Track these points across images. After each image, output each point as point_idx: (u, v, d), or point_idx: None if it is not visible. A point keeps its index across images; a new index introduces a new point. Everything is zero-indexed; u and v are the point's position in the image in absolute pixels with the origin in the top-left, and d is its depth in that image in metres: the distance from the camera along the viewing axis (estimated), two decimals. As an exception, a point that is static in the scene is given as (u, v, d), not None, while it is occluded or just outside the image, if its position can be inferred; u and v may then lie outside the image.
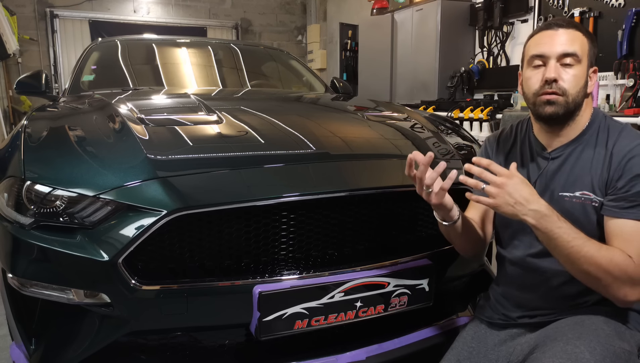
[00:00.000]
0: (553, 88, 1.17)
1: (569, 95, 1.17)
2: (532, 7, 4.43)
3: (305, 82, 3.37)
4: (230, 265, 1.33)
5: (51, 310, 1.36)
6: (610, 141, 1.18)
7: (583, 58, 1.18)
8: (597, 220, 1.17)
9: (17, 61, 6.79)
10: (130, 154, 1.38)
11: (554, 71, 1.17)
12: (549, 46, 1.18)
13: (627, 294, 1.08)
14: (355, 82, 6.39)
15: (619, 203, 1.12)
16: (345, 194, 1.37)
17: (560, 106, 1.17)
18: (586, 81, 1.20)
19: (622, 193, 1.12)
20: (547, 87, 1.18)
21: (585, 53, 1.18)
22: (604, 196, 1.15)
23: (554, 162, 1.24)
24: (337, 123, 1.93)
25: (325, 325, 1.34)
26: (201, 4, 8.08)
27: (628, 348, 1.09)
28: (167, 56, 3.13)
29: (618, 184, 1.13)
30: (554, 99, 1.17)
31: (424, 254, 1.49)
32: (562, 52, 1.17)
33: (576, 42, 1.18)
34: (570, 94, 1.17)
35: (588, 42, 1.20)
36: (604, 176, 1.16)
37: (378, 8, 5.95)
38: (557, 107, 1.18)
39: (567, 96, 1.17)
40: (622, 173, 1.13)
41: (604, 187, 1.16)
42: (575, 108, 1.19)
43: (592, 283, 1.10)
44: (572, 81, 1.17)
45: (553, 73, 1.16)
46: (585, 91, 1.20)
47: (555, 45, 1.18)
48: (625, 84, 3.48)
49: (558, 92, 1.17)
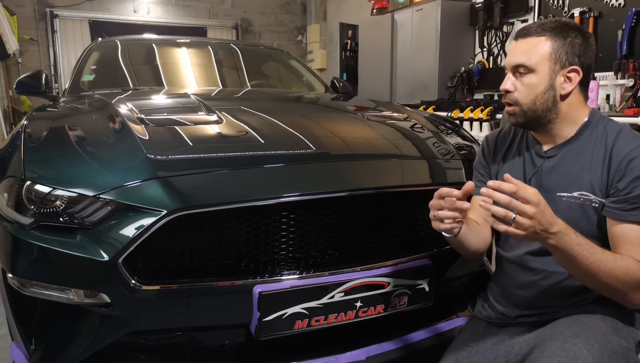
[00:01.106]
0: (507, 99, 1.23)
1: (522, 104, 1.20)
2: (532, 7, 4.43)
3: (305, 82, 3.37)
4: (230, 265, 1.33)
5: (51, 310, 1.36)
6: (609, 142, 1.17)
7: (539, 65, 1.17)
8: (598, 221, 1.17)
9: (17, 61, 6.78)
10: (130, 154, 1.38)
11: (508, 83, 1.21)
12: (508, 58, 1.24)
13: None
14: (355, 82, 6.39)
15: (620, 205, 1.12)
16: (345, 194, 1.37)
17: (517, 115, 1.22)
18: (549, 85, 1.18)
19: (624, 195, 1.12)
20: (504, 98, 1.24)
21: (544, 58, 1.17)
22: (605, 197, 1.16)
23: (549, 161, 1.24)
24: (337, 123, 1.93)
25: (325, 325, 1.34)
26: (201, 4, 8.08)
27: (626, 345, 1.10)
28: (167, 56, 3.13)
29: (619, 186, 1.13)
30: (510, 111, 1.23)
31: (424, 254, 1.49)
32: (514, 64, 1.21)
33: (529, 52, 1.18)
34: (523, 103, 1.20)
35: (553, 44, 1.17)
36: (604, 177, 1.16)
37: (378, 8, 5.95)
38: (515, 117, 1.23)
39: (520, 105, 1.21)
40: (623, 175, 1.13)
41: (604, 188, 1.16)
42: (539, 114, 1.19)
43: (607, 293, 1.12)
44: (523, 91, 1.20)
45: (507, 85, 1.21)
46: (552, 94, 1.18)
47: (510, 57, 1.22)
48: (625, 84, 3.48)
49: (510, 102, 1.22)
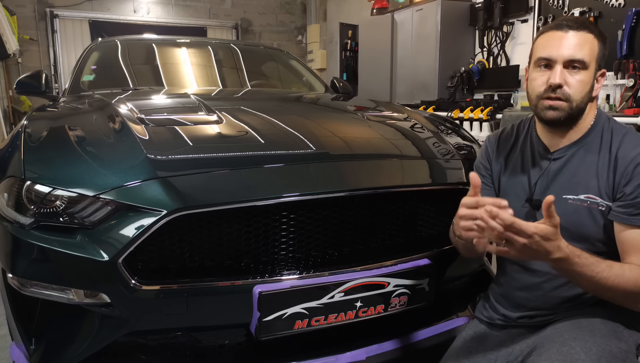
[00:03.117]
0: (557, 94, 1.15)
1: (573, 101, 1.15)
2: (532, 7, 4.43)
3: (305, 82, 3.37)
4: (230, 265, 1.33)
5: (51, 310, 1.36)
6: (614, 145, 1.17)
7: (591, 63, 1.15)
8: (604, 224, 1.16)
9: (17, 61, 6.78)
10: (130, 154, 1.38)
11: (559, 77, 1.14)
12: (557, 49, 1.15)
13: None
14: (355, 82, 6.39)
15: (628, 210, 1.11)
16: (345, 194, 1.37)
17: (563, 111, 1.15)
18: (592, 85, 1.17)
19: (631, 200, 1.11)
20: (551, 92, 1.16)
21: (593, 57, 1.15)
22: (612, 201, 1.15)
23: (555, 163, 1.23)
24: (337, 123, 1.93)
25: (325, 325, 1.33)
26: (201, 4, 8.08)
27: (625, 348, 1.09)
28: (167, 56, 3.13)
29: (626, 190, 1.12)
30: (557, 105, 1.15)
31: (424, 254, 1.49)
32: (568, 58, 1.14)
33: (585, 47, 1.14)
34: (575, 100, 1.15)
35: (599, 45, 1.16)
36: (610, 180, 1.15)
37: (378, 8, 5.95)
38: (559, 113, 1.16)
39: (571, 102, 1.15)
40: (630, 179, 1.12)
41: (611, 192, 1.15)
42: (578, 113, 1.18)
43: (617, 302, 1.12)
44: (577, 87, 1.14)
45: (558, 79, 1.14)
46: (590, 95, 1.17)
47: (563, 49, 1.14)
48: (625, 84, 3.48)
49: (562, 97, 1.15)
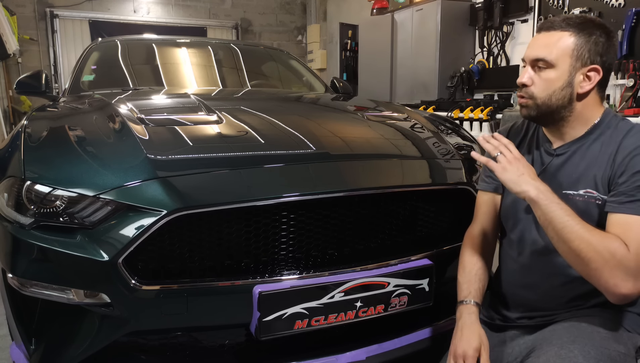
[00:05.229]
0: (521, 92, 1.24)
1: (537, 98, 1.20)
2: (532, 7, 4.42)
3: (305, 82, 3.37)
4: (230, 265, 1.33)
5: (51, 310, 1.36)
6: (618, 140, 1.16)
7: (559, 61, 1.16)
8: (600, 219, 1.16)
9: (17, 61, 6.78)
10: (130, 154, 1.38)
11: (525, 77, 1.22)
12: (528, 49, 1.23)
13: (618, 284, 1.03)
14: (355, 82, 6.38)
15: (618, 198, 1.11)
16: (345, 194, 1.37)
17: (530, 108, 1.23)
18: (567, 82, 1.17)
19: (622, 188, 1.11)
20: (519, 91, 1.25)
21: (565, 54, 1.16)
22: (607, 194, 1.15)
23: (558, 158, 1.24)
24: (337, 123, 1.93)
25: (325, 325, 1.34)
26: (201, 4, 8.07)
27: (624, 351, 1.09)
28: (167, 56, 3.13)
29: (620, 180, 1.12)
30: (523, 103, 1.24)
31: (424, 254, 1.49)
32: (533, 58, 1.20)
33: (551, 46, 1.17)
34: (539, 97, 1.20)
35: (576, 41, 1.16)
36: (607, 172, 1.15)
37: (378, 8, 5.95)
38: (527, 110, 1.24)
39: (535, 100, 1.21)
40: (625, 169, 1.12)
41: (606, 184, 1.15)
42: (553, 110, 1.19)
43: (582, 266, 1.07)
44: (540, 85, 1.20)
45: (524, 78, 1.22)
46: (569, 92, 1.18)
47: (529, 49, 1.22)
48: (625, 84, 3.48)
49: (525, 96, 1.22)
